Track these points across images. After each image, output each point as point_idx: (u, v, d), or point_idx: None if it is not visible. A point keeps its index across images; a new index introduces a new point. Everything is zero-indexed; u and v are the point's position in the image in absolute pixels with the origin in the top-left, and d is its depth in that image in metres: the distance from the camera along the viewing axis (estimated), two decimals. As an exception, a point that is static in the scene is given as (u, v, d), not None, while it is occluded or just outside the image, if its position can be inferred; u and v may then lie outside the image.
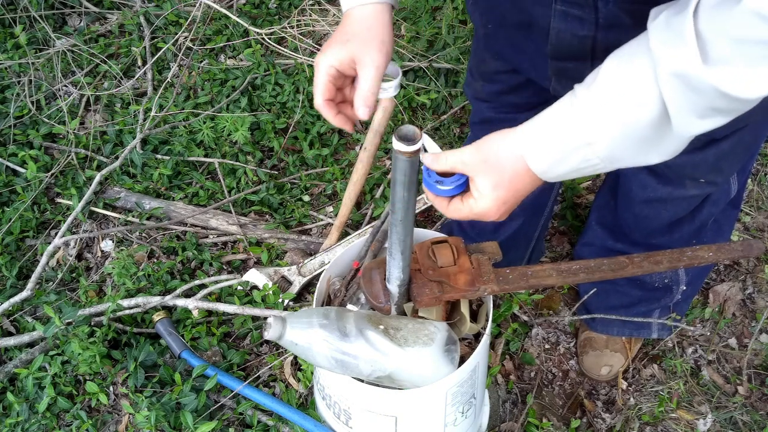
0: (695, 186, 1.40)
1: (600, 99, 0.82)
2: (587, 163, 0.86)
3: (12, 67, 2.54)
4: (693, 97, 0.75)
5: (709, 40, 0.70)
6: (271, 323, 1.16)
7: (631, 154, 0.84)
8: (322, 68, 1.00)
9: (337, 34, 1.00)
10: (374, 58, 0.97)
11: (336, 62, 0.99)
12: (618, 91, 0.81)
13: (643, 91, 0.78)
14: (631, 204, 1.54)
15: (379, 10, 1.00)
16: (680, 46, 0.72)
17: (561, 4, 1.06)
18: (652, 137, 0.82)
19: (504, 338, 1.86)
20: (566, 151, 0.86)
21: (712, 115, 0.77)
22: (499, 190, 0.93)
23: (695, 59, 0.71)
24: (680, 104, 0.76)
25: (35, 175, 2.20)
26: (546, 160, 0.89)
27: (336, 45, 0.99)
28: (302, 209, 2.17)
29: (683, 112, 0.77)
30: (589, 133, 0.84)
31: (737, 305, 1.98)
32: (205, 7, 2.64)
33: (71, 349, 1.68)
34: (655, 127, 0.80)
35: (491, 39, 1.32)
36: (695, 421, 1.77)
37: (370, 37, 0.98)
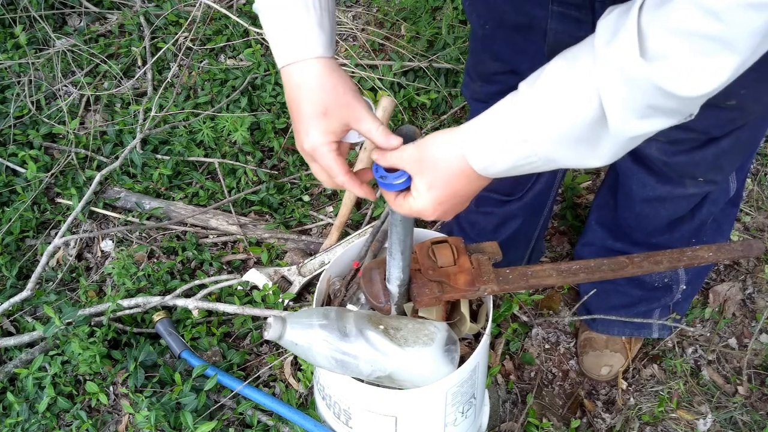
0: (694, 185, 1.40)
1: (539, 96, 0.81)
2: (526, 161, 0.85)
3: (12, 67, 2.54)
4: (630, 92, 0.72)
5: (649, 35, 0.69)
6: (271, 323, 1.16)
7: (569, 154, 0.82)
8: (322, 149, 0.95)
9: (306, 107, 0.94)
10: (362, 107, 0.95)
11: (331, 136, 0.95)
12: (558, 88, 0.79)
13: (582, 88, 0.77)
14: (631, 203, 1.54)
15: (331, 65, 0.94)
16: (620, 42, 0.71)
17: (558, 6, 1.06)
18: (589, 137, 0.80)
19: (504, 338, 1.86)
20: (505, 147, 0.85)
21: (652, 115, 0.74)
22: (433, 191, 0.92)
23: (634, 53, 0.69)
24: (617, 101, 0.74)
25: (35, 175, 2.20)
26: (485, 157, 0.87)
27: (316, 120, 0.94)
28: (302, 209, 2.17)
29: (620, 110, 0.74)
30: (527, 131, 0.82)
31: (737, 305, 1.98)
32: (205, 7, 2.64)
33: (71, 349, 1.68)
34: (592, 127, 0.78)
35: (489, 40, 1.32)
36: (695, 421, 1.77)
37: (341, 94, 0.94)
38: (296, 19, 0.93)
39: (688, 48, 0.67)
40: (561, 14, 1.07)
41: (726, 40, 0.66)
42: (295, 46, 0.93)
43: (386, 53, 2.56)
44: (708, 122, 1.21)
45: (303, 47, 0.93)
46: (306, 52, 0.93)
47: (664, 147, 1.31)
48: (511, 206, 1.69)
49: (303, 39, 0.93)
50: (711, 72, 0.68)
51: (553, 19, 1.08)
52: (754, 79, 1.08)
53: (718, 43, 0.66)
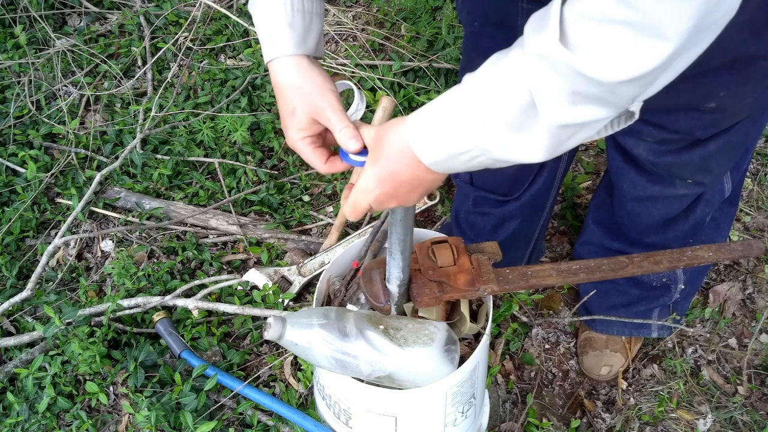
0: (684, 186, 1.41)
1: (475, 85, 0.82)
2: (463, 149, 0.85)
3: (12, 67, 2.54)
4: (554, 78, 0.73)
5: (570, 22, 0.69)
6: (271, 323, 1.16)
7: (504, 144, 0.81)
8: (299, 145, 1.03)
9: (281, 107, 1.03)
10: (325, 105, 0.99)
11: (302, 132, 1.02)
12: (491, 77, 0.80)
13: (512, 76, 0.77)
14: (624, 202, 1.55)
15: (298, 62, 1.00)
16: (544, 29, 0.71)
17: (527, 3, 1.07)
18: (522, 126, 0.79)
19: (504, 338, 1.86)
20: (442, 134, 0.86)
21: (580, 102, 0.74)
22: (375, 167, 0.94)
23: (554, 40, 0.70)
24: (543, 87, 0.74)
25: (35, 175, 2.20)
26: (424, 142, 0.88)
27: (289, 119, 1.02)
28: (302, 209, 2.17)
29: (547, 96, 0.74)
30: (462, 117, 0.83)
31: (737, 305, 1.98)
32: (205, 7, 2.64)
33: (71, 349, 1.68)
34: (524, 115, 0.78)
35: (478, 37, 1.33)
36: (695, 421, 1.77)
37: (307, 91, 1.00)
38: (270, 20, 0.99)
39: (605, 35, 0.68)
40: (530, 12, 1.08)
41: (647, 26, 0.65)
42: (270, 45, 1.01)
43: (386, 53, 2.56)
44: (690, 123, 1.21)
45: (276, 46, 1.00)
46: (277, 50, 1.00)
47: (652, 147, 1.31)
48: (508, 206, 1.69)
49: (275, 38, 0.99)
50: (633, 58, 0.68)
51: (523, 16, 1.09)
52: (733, 82, 1.08)
53: (634, 29, 0.66)
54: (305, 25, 1.00)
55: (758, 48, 0.80)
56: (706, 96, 0.78)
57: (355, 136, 0.98)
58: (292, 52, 0.99)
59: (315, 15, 1.01)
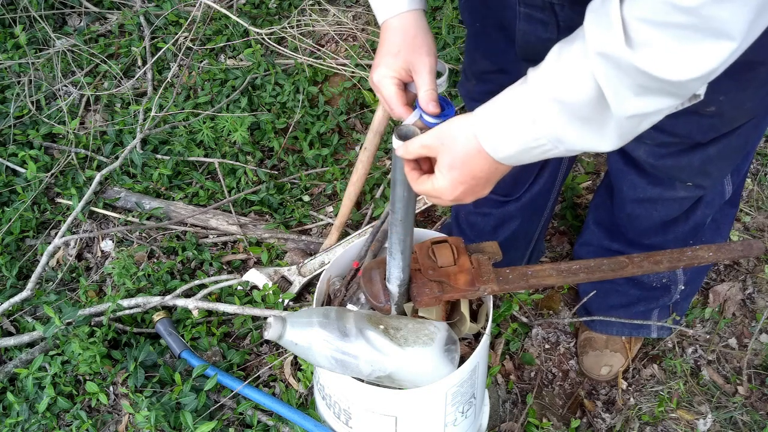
0: (684, 188, 1.41)
1: (542, 78, 0.84)
2: (536, 143, 0.87)
3: (12, 67, 2.54)
4: (620, 74, 0.75)
5: (633, 26, 0.71)
6: (271, 323, 1.16)
7: (576, 135, 0.84)
8: (386, 81, 1.06)
9: (385, 47, 1.06)
10: (426, 63, 1.03)
11: (395, 72, 1.05)
12: (558, 71, 0.82)
13: (579, 70, 0.79)
14: (624, 203, 1.55)
15: (416, 17, 1.05)
16: (606, 28, 0.73)
17: (525, 7, 1.09)
18: (594, 117, 0.82)
19: (504, 338, 1.86)
20: (514, 129, 0.88)
21: (648, 94, 0.77)
22: (453, 171, 0.95)
23: (619, 40, 0.72)
24: (610, 82, 0.77)
25: (35, 175, 2.20)
26: (495, 138, 0.90)
27: (388, 57, 1.05)
28: (302, 209, 2.17)
29: (615, 90, 0.77)
30: (532, 112, 0.85)
31: (737, 305, 1.98)
32: (205, 7, 2.64)
33: (71, 349, 1.68)
34: (594, 107, 0.81)
35: (480, 38, 1.34)
36: (695, 421, 1.77)
37: (417, 44, 1.04)
38: None
39: (668, 36, 0.70)
40: (527, 15, 1.10)
41: (710, 29, 0.68)
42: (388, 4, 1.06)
43: (386, 53, 2.56)
44: (689, 127, 1.22)
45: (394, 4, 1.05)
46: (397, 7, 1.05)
47: (652, 149, 1.32)
48: (509, 207, 1.69)
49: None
50: (697, 57, 0.71)
51: (521, 20, 1.11)
52: (732, 87, 1.09)
53: (698, 31, 0.68)
54: None
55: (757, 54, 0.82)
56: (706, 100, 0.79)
57: (436, 100, 1.02)
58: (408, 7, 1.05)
59: None
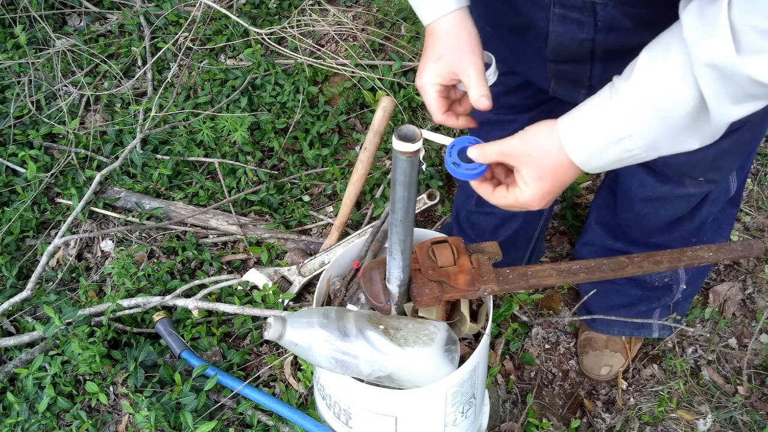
0: (694, 184, 1.40)
1: (639, 91, 0.84)
2: (628, 153, 0.88)
3: (12, 67, 2.54)
4: (728, 86, 0.76)
5: (742, 31, 0.71)
6: (271, 323, 1.16)
7: (671, 142, 0.86)
8: (428, 87, 1.06)
9: (429, 52, 1.06)
10: (471, 62, 1.03)
11: (438, 78, 1.05)
12: (656, 82, 0.82)
13: (680, 82, 0.80)
14: (631, 203, 1.54)
15: (459, 18, 1.05)
16: (714, 37, 0.73)
17: (560, 8, 1.07)
18: (690, 125, 0.83)
19: (504, 338, 1.86)
20: (606, 143, 0.88)
21: (748, 101, 0.78)
22: (542, 182, 0.96)
23: (729, 49, 0.72)
24: (717, 94, 0.77)
25: (35, 175, 2.20)
26: (586, 152, 0.91)
27: (431, 63, 1.05)
28: (302, 209, 2.17)
29: (720, 101, 0.78)
30: (630, 126, 0.86)
31: (737, 305, 1.98)
32: (205, 7, 2.64)
33: (71, 349, 1.68)
34: (693, 116, 0.82)
35: (489, 41, 1.32)
36: (695, 421, 1.77)
37: (460, 46, 1.04)
38: None
39: None
40: (562, 16, 1.07)
41: None
42: (433, 6, 1.05)
43: (386, 53, 2.56)
44: None
45: (439, 6, 1.05)
46: (441, 9, 1.05)
47: None
48: (511, 206, 1.68)
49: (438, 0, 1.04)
50: None
51: (555, 21, 1.09)
52: None
53: None
54: None
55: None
56: None
57: (487, 95, 1.02)
58: (455, 7, 1.04)
59: None
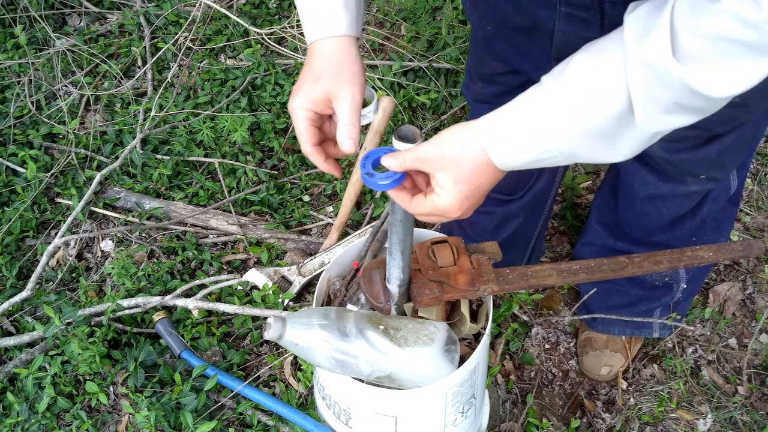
0: (696, 182, 1.40)
1: (565, 90, 0.81)
2: (547, 155, 0.85)
3: (12, 67, 2.54)
4: (659, 89, 0.73)
5: (683, 35, 0.69)
6: (271, 323, 1.16)
7: (591, 149, 0.82)
8: (299, 114, 1.00)
9: (306, 73, 1.00)
10: (348, 92, 0.97)
11: (311, 104, 0.99)
12: (585, 82, 0.79)
13: (610, 83, 0.77)
14: (632, 202, 1.54)
15: (344, 43, 0.99)
16: (652, 38, 0.71)
17: (566, 7, 1.06)
18: (614, 132, 0.79)
19: (504, 338, 1.86)
20: (528, 142, 0.85)
21: (677, 112, 0.75)
22: (459, 185, 0.91)
23: (666, 51, 0.70)
24: (645, 96, 0.74)
25: (35, 175, 2.20)
26: (507, 151, 0.87)
27: (307, 85, 0.99)
28: (302, 209, 2.17)
29: (648, 105, 0.75)
30: (552, 125, 0.82)
31: (737, 305, 1.98)
32: (205, 7, 2.64)
33: (71, 349, 1.68)
34: (618, 122, 0.78)
35: (491, 41, 1.32)
36: (695, 421, 1.77)
37: (341, 72, 0.98)
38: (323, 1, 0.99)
39: (721, 52, 0.68)
40: (569, 15, 1.07)
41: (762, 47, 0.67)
42: (320, 24, 1.00)
43: (386, 53, 2.56)
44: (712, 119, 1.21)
45: (327, 25, 0.99)
46: (329, 30, 0.99)
47: (667, 145, 1.31)
48: (511, 206, 1.69)
49: (328, 18, 0.99)
50: (743, 75, 0.70)
51: (561, 20, 1.08)
52: None
53: (753, 49, 0.67)
54: (357, 5, 1.00)
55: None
56: None
57: (354, 139, 0.96)
58: (344, 32, 0.99)
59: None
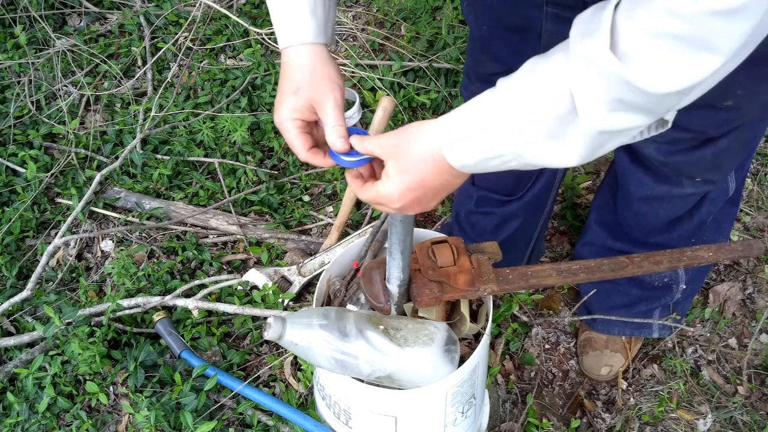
0: (692, 185, 1.41)
1: (513, 91, 0.81)
2: (495, 154, 0.85)
3: (12, 67, 2.54)
4: (600, 85, 0.73)
5: (622, 32, 0.70)
6: (271, 323, 1.16)
7: (539, 150, 0.82)
8: (287, 124, 1.02)
9: (285, 85, 1.02)
10: (330, 97, 0.99)
11: (297, 113, 1.01)
12: (530, 82, 0.80)
13: (554, 81, 0.77)
14: (630, 203, 1.55)
15: (314, 51, 1.01)
16: (593, 35, 0.71)
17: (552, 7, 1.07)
18: (559, 132, 0.79)
19: (504, 338, 1.86)
20: (476, 140, 0.85)
21: (620, 110, 0.74)
22: (404, 175, 0.92)
23: (604, 46, 0.70)
24: (587, 92, 0.74)
25: (35, 175, 2.20)
26: (457, 148, 0.87)
27: (288, 97, 1.01)
28: (302, 209, 2.17)
29: (590, 101, 0.74)
30: (500, 124, 0.82)
31: (737, 305, 1.98)
32: (205, 7, 2.64)
33: (71, 349, 1.68)
34: (563, 121, 0.78)
35: (487, 41, 1.32)
36: (695, 421, 1.77)
37: (318, 78, 1.00)
38: (292, 7, 1.00)
39: (658, 47, 0.68)
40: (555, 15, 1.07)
41: (700, 40, 0.66)
42: (289, 32, 1.01)
43: (386, 53, 2.56)
44: (705, 122, 1.21)
45: (296, 33, 1.00)
46: (298, 37, 1.00)
47: (661, 147, 1.31)
48: (511, 206, 1.69)
49: (297, 25, 1.00)
50: (682, 71, 0.69)
51: (548, 20, 1.09)
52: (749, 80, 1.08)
53: (690, 44, 0.67)
54: (326, 13, 1.01)
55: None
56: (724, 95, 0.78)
57: (344, 137, 0.98)
58: (312, 40, 1.00)
59: (333, 3, 1.02)
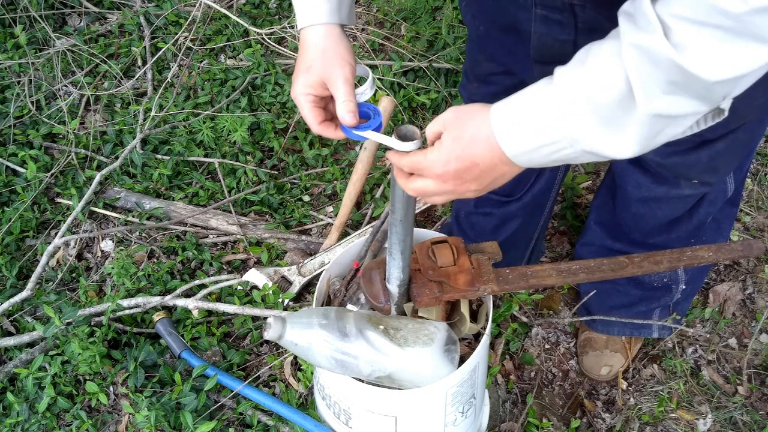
0: (689, 186, 1.41)
1: (569, 76, 0.82)
2: (555, 146, 0.85)
3: (12, 67, 2.54)
4: (654, 69, 0.74)
5: (668, 21, 0.71)
6: (271, 323, 1.16)
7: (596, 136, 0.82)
8: (301, 99, 1.07)
9: (300, 63, 1.08)
10: (340, 74, 1.03)
11: (309, 89, 1.06)
12: (586, 68, 0.80)
13: (609, 67, 0.78)
14: (628, 203, 1.55)
15: (327, 30, 1.06)
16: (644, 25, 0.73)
17: (541, 9, 1.08)
18: (617, 118, 0.80)
19: (504, 338, 1.86)
20: (533, 125, 0.85)
21: (675, 92, 0.75)
22: (456, 144, 0.92)
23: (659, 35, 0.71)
24: (642, 75, 0.75)
25: (35, 175, 2.20)
26: (512, 132, 0.87)
27: (302, 73, 1.06)
28: (302, 209, 2.17)
29: (645, 84, 0.75)
30: (556, 110, 0.83)
31: (737, 305, 1.98)
32: (205, 7, 2.64)
33: (71, 349, 1.68)
34: (620, 106, 0.79)
35: (484, 41, 1.33)
36: (695, 421, 1.77)
37: (329, 56, 1.04)
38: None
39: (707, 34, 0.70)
40: (544, 17, 1.08)
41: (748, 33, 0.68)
42: (306, 13, 1.07)
43: (386, 53, 2.56)
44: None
45: (312, 14, 1.06)
46: (313, 18, 1.06)
47: (659, 148, 1.31)
48: (510, 207, 1.69)
49: (312, 6, 1.06)
50: (733, 59, 0.70)
51: (537, 21, 1.10)
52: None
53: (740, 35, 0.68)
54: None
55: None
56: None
57: (352, 111, 1.02)
58: (326, 20, 1.05)
59: None
